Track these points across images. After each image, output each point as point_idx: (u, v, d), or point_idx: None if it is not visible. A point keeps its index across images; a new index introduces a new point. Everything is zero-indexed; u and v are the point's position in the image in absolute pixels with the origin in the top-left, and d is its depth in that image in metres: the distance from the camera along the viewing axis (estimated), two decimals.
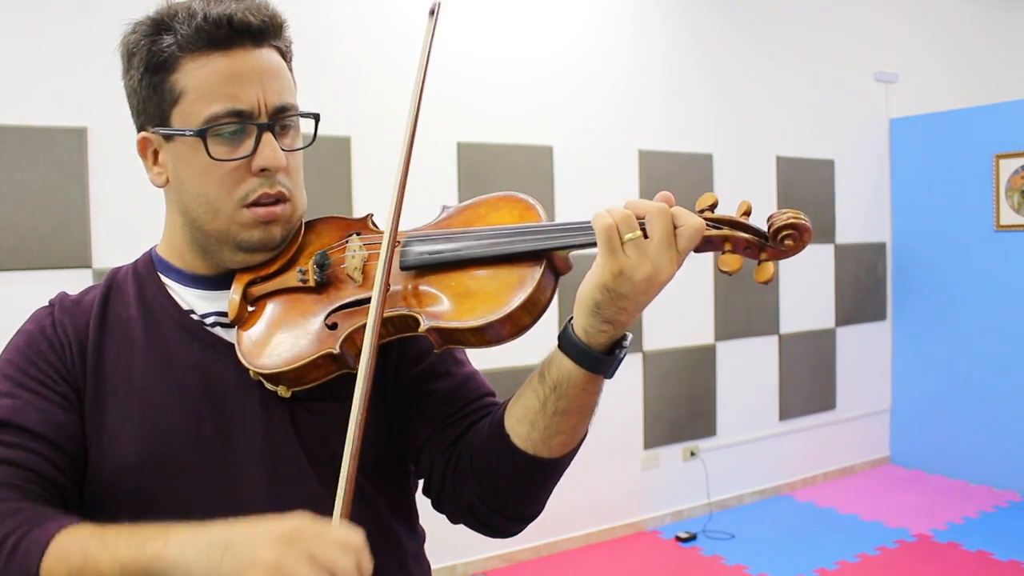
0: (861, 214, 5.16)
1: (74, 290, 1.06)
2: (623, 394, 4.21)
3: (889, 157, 5.30)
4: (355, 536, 0.76)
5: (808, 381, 4.95)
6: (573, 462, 0.98)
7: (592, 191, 4.04)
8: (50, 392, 0.93)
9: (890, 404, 5.37)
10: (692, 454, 4.49)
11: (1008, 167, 4.71)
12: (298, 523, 0.75)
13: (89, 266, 2.96)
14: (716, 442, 4.56)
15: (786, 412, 4.86)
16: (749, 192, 4.61)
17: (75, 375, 0.95)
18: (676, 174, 4.35)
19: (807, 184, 4.88)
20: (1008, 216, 4.73)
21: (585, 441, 0.96)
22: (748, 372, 4.67)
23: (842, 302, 5.09)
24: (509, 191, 0.99)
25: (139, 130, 0.99)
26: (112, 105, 2.97)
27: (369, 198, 3.46)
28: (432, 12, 0.96)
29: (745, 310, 4.62)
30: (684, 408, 4.44)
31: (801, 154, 4.86)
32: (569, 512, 4.02)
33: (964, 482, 4.92)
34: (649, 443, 4.33)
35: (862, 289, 5.18)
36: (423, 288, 0.92)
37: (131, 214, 3.00)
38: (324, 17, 3.40)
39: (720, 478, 4.54)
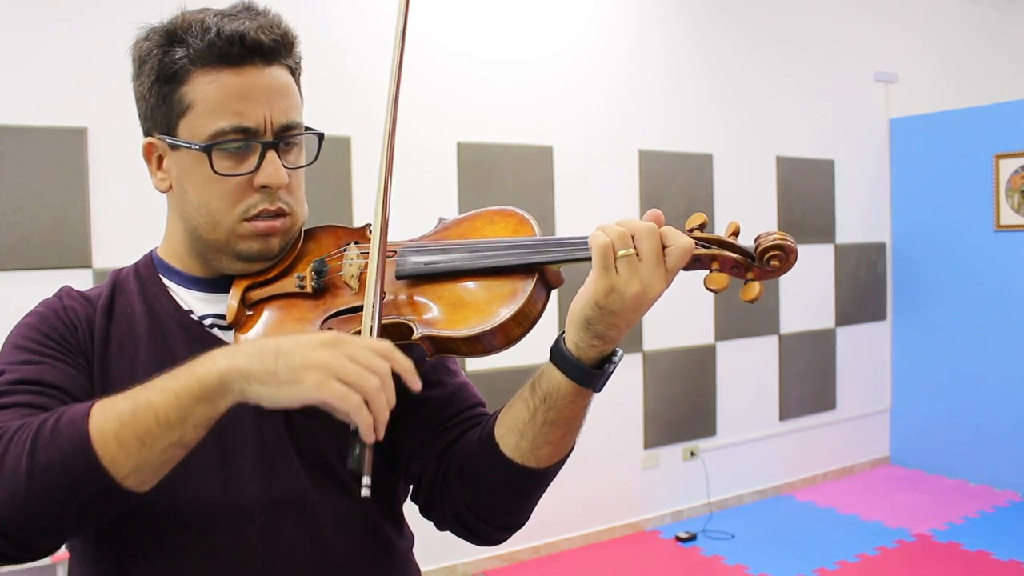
0: (861, 214, 5.16)
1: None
2: (623, 394, 4.22)
3: (889, 157, 5.30)
4: (387, 343, 0.80)
5: (808, 381, 4.95)
6: (574, 462, 0.99)
7: (592, 191, 4.05)
8: (70, 358, 0.94)
9: (890, 404, 5.37)
10: (692, 454, 4.49)
11: (1008, 167, 4.71)
12: (335, 333, 0.80)
13: (89, 266, 2.96)
14: (716, 442, 4.56)
15: (786, 412, 4.86)
16: (749, 192, 4.61)
17: (87, 353, 0.97)
18: (676, 174, 4.35)
19: (807, 184, 4.88)
20: (1008, 216, 4.73)
21: (572, 453, 0.98)
22: (748, 372, 4.67)
23: (842, 302, 5.09)
24: (506, 205, 1.01)
25: (145, 135, 1.00)
26: (112, 105, 3.00)
27: (369, 198, 3.46)
28: None
29: (745, 310, 4.62)
30: (684, 408, 4.44)
31: (801, 154, 4.86)
32: (569, 512, 4.02)
33: (964, 482, 4.92)
34: (649, 443, 4.33)
35: (862, 289, 5.19)
36: (417, 297, 0.94)
37: (131, 214, 3.00)
38: (324, 17, 3.40)
39: (720, 478, 4.54)
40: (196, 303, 1.03)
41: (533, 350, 1.13)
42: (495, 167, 3.80)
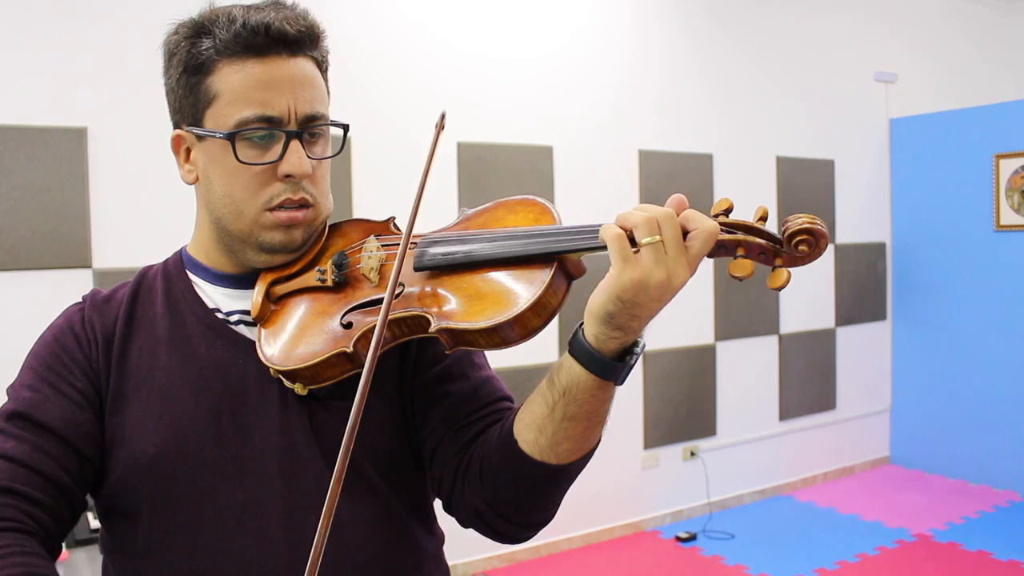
0: (861, 214, 5.16)
1: (75, 291, 1.09)
2: (623, 394, 4.19)
3: (889, 157, 5.30)
4: None
5: (808, 381, 4.95)
6: None
7: (592, 191, 4.05)
8: (70, 388, 0.95)
9: (890, 404, 5.37)
10: (692, 454, 4.49)
11: (1008, 167, 4.71)
12: None
13: (89, 266, 2.96)
14: (716, 442, 4.56)
15: (786, 412, 4.86)
16: (749, 192, 4.61)
17: (98, 372, 0.97)
18: (676, 174, 4.35)
19: (807, 184, 4.88)
20: (1008, 216, 4.73)
21: (592, 458, 0.95)
22: (748, 372, 4.67)
23: (842, 302, 5.09)
24: (527, 195, 0.99)
25: (174, 127, 1.01)
26: (112, 105, 3.00)
27: (369, 197, 3.46)
28: (438, 125, 0.96)
29: (745, 310, 4.62)
30: (684, 408, 4.44)
31: (801, 154, 4.86)
32: (569, 512, 3.97)
33: (964, 482, 4.92)
34: (649, 443, 4.33)
35: (862, 289, 5.19)
36: (436, 289, 0.93)
37: (131, 214, 3.00)
38: (324, 16, 3.39)
39: (720, 478, 4.54)
40: (223, 300, 1.03)
41: (546, 348, 1.13)
42: (495, 167, 3.80)
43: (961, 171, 4.92)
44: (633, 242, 0.81)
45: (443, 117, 0.97)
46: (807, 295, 4.89)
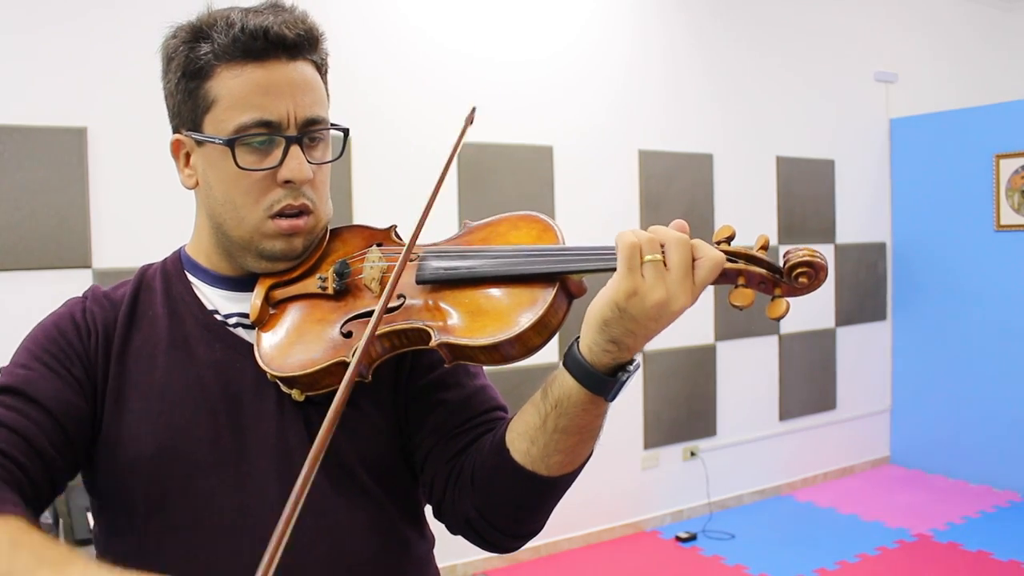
0: (861, 214, 5.16)
1: (75, 291, 1.08)
2: (623, 394, 4.20)
3: (889, 157, 5.30)
4: None
5: (808, 381, 4.95)
6: None
7: (592, 191, 4.04)
8: (65, 372, 0.95)
9: (890, 404, 5.37)
10: (692, 454, 4.49)
11: (1008, 167, 4.71)
12: None
13: (89, 266, 2.96)
14: (716, 442, 4.56)
15: (786, 412, 4.86)
16: (749, 192, 4.61)
17: (94, 363, 0.97)
18: (676, 174, 4.35)
19: (807, 184, 4.88)
20: (1008, 216, 4.73)
21: (587, 465, 0.95)
22: (748, 372, 4.67)
23: (842, 302, 5.09)
24: (530, 211, 0.99)
25: (173, 132, 1.01)
26: (112, 105, 3.00)
27: (368, 198, 3.46)
28: (467, 118, 0.96)
29: (745, 310, 4.61)
30: (684, 408, 4.44)
31: (801, 154, 4.86)
32: (569, 512, 3.99)
33: (964, 482, 4.92)
34: (649, 443, 4.33)
35: (862, 289, 5.19)
36: (437, 303, 0.93)
37: (131, 214, 3.00)
38: (324, 16, 3.39)
39: (720, 478, 4.54)
40: (221, 301, 1.03)
41: (550, 349, 1.12)
42: (495, 167, 3.80)
43: (961, 171, 4.92)
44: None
45: (473, 111, 0.96)
46: (807, 295, 4.88)
